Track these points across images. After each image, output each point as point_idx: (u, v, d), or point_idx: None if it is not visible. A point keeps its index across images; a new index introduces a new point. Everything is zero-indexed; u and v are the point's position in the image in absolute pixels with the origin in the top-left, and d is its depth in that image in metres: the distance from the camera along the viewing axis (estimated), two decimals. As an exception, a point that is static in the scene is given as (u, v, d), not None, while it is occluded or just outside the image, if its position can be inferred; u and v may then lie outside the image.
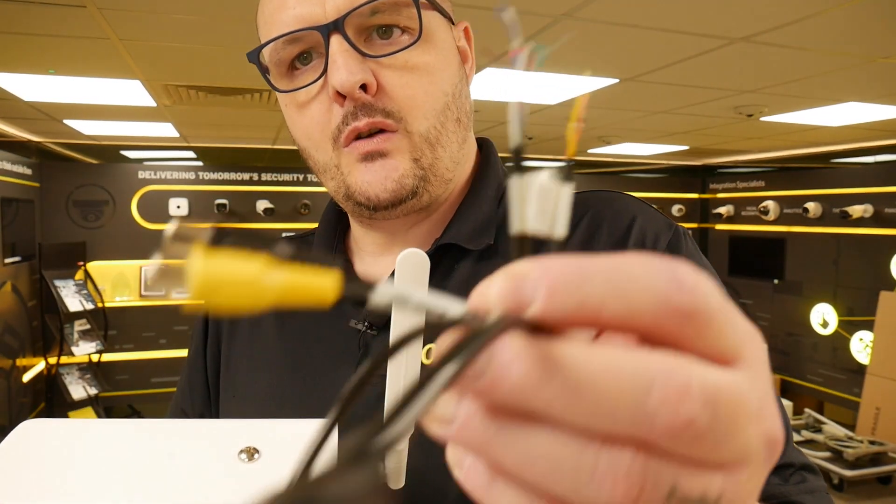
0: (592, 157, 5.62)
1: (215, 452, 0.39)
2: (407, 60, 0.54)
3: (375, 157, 0.54)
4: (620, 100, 3.12)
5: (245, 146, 5.09)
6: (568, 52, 2.30)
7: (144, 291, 4.59)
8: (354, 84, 0.51)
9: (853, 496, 3.70)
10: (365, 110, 0.53)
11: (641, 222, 0.58)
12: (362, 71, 0.52)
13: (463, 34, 0.63)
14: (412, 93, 0.54)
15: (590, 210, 0.60)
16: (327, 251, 0.67)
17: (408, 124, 0.54)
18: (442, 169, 0.57)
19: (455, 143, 0.58)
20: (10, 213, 3.80)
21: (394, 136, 0.54)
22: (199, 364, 0.70)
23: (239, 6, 1.84)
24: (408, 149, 0.55)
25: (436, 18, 0.57)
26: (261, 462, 0.39)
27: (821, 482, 0.54)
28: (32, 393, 4.14)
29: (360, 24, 0.53)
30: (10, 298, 3.77)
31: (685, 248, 0.58)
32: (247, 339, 0.68)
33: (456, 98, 0.58)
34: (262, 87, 2.89)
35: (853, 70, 2.48)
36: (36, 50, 2.27)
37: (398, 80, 0.54)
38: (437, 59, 0.56)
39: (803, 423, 4.30)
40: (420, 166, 0.55)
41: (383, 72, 0.53)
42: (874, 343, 4.13)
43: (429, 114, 0.55)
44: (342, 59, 0.51)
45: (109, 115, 3.57)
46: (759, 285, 5.27)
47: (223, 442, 0.40)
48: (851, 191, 4.45)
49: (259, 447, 0.40)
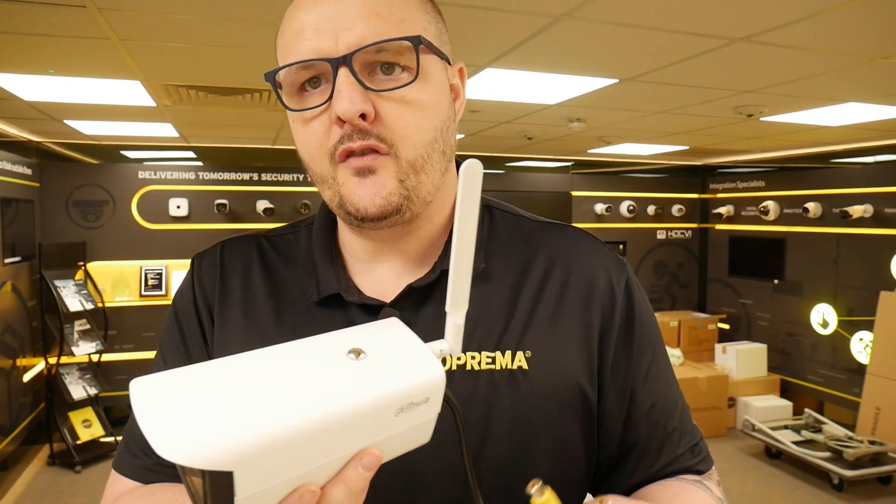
0: (592, 157, 5.62)
1: (329, 360, 0.45)
2: (403, 96, 0.61)
3: (366, 173, 0.61)
4: (620, 100, 3.12)
5: (245, 146, 5.09)
6: (568, 52, 2.30)
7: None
8: (355, 113, 0.58)
9: (853, 496, 3.70)
10: (361, 134, 0.60)
11: (605, 269, 0.71)
12: (363, 102, 0.59)
13: (458, 73, 0.71)
14: (405, 124, 0.61)
15: (559, 255, 0.71)
16: (326, 253, 0.72)
17: (398, 150, 0.61)
18: (424, 192, 0.64)
19: (438, 171, 0.65)
20: (10, 213, 3.80)
21: (383, 157, 0.61)
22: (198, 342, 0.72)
23: (239, 6, 1.84)
24: (394, 170, 0.61)
25: (433, 61, 0.64)
26: (370, 358, 0.46)
27: (704, 444, 0.75)
28: (32, 393, 4.14)
29: (366, 60, 0.60)
30: (10, 298, 3.77)
31: (635, 287, 0.73)
32: (243, 333, 0.70)
33: (443, 133, 0.65)
34: (261, 87, 2.89)
35: (853, 70, 2.48)
36: (36, 50, 2.27)
37: (394, 112, 0.61)
38: (430, 98, 0.63)
39: (803, 423, 4.31)
40: (405, 187, 0.62)
41: (382, 103, 0.60)
42: (874, 343, 4.13)
43: (418, 145, 0.62)
44: (346, 90, 0.58)
45: (109, 115, 3.57)
46: (759, 285, 5.27)
47: (329, 351, 0.46)
48: (851, 191, 4.46)
49: (362, 348, 0.46)
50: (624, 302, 0.70)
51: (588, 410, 0.68)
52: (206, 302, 0.73)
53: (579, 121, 3.68)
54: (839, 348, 4.57)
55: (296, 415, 0.40)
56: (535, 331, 0.67)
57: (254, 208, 4.83)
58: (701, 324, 5.45)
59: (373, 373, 0.44)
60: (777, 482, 3.96)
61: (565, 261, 0.71)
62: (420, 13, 0.64)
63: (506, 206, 0.78)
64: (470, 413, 0.63)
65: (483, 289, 0.68)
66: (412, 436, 0.47)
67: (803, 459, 3.91)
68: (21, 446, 3.93)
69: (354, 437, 0.43)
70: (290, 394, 0.41)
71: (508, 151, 5.42)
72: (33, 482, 3.89)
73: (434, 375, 0.46)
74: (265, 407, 0.40)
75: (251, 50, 2.29)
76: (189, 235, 4.68)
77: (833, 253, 4.60)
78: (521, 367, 0.65)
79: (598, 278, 0.70)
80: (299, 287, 0.71)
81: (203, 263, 0.76)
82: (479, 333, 0.66)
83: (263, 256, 0.75)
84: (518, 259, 0.71)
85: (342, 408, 0.41)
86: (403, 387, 0.44)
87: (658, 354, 0.73)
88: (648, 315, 0.73)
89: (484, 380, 0.64)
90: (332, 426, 0.41)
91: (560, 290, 0.69)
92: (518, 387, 0.64)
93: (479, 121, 3.81)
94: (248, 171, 4.86)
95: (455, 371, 0.64)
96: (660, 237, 5.90)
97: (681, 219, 5.92)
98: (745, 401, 4.79)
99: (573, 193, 5.67)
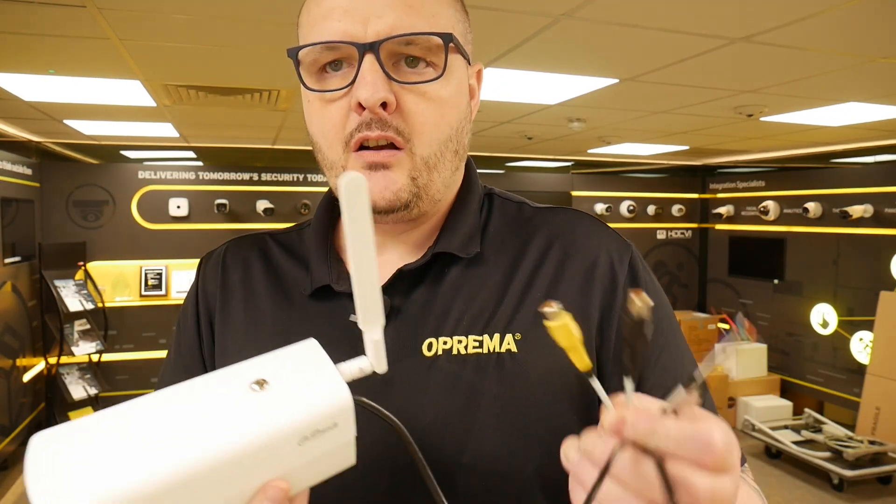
0: (592, 157, 5.62)
1: (230, 394, 0.44)
2: (426, 91, 0.61)
3: (379, 167, 0.61)
4: (620, 100, 3.12)
5: (245, 146, 5.09)
6: (568, 52, 2.30)
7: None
8: (377, 101, 0.58)
9: (853, 496, 3.70)
10: (379, 124, 0.59)
11: (606, 248, 0.68)
12: (386, 90, 0.58)
13: (475, 74, 0.70)
14: (424, 119, 0.61)
15: (557, 237, 0.69)
16: (321, 245, 0.71)
17: (414, 146, 0.61)
18: (434, 190, 0.64)
19: (449, 170, 0.65)
20: (10, 213, 3.80)
21: (399, 153, 0.61)
22: (194, 347, 0.73)
23: (239, 6, 1.84)
24: (408, 167, 0.62)
25: (458, 60, 0.64)
26: (272, 388, 0.44)
27: None
28: (32, 393, 4.14)
29: (393, 50, 0.60)
30: (10, 298, 3.77)
31: (640, 267, 0.69)
32: (242, 331, 0.70)
33: (458, 132, 0.65)
34: (261, 87, 2.89)
35: (853, 70, 2.48)
36: (36, 50, 2.27)
37: (415, 106, 0.61)
38: (450, 96, 0.63)
39: (803, 423, 4.30)
40: (416, 185, 0.62)
41: (404, 95, 0.60)
42: (874, 343, 4.13)
43: (433, 141, 0.62)
44: (371, 77, 0.58)
45: (109, 115, 3.57)
46: (759, 285, 5.27)
47: (233, 384, 0.45)
48: (851, 191, 4.45)
49: (266, 377, 0.45)
50: (627, 282, 0.66)
51: (586, 398, 0.64)
52: (208, 304, 0.73)
53: (579, 121, 3.68)
54: (839, 348, 4.57)
55: (186, 455, 0.39)
56: (526, 313, 0.64)
57: (254, 208, 4.83)
58: (701, 324, 5.45)
59: (272, 404, 0.43)
60: (777, 482, 3.96)
61: (563, 241, 0.68)
62: (451, 10, 0.64)
63: (508, 193, 0.76)
64: (454, 399, 0.61)
65: (475, 273, 0.66)
66: (328, 461, 0.46)
67: (803, 459, 3.91)
68: (21, 446, 3.93)
69: (255, 471, 0.41)
70: (183, 435, 0.40)
71: (508, 151, 5.42)
72: (33, 482, 3.90)
73: (339, 401, 0.44)
74: (154, 451, 0.38)
75: (251, 50, 2.29)
76: (189, 235, 4.68)
77: (833, 253, 4.60)
78: (510, 349, 0.62)
79: (599, 258, 0.67)
80: (298, 281, 0.71)
81: (208, 265, 0.76)
82: (467, 317, 0.64)
83: (266, 252, 0.75)
84: (514, 243, 0.69)
85: (236, 444, 0.40)
86: (304, 416, 0.43)
87: (671, 339, 0.67)
88: (657, 296, 0.68)
89: (470, 364, 0.62)
90: (228, 463, 0.40)
91: (556, 271, 0.66)
92: (506, 370, 0.62)
93: (479, 121, 3.81)
94: (248, 171, 4.86)
95: (441, 356, 0.62)
96: (660, 237, 5.90)
97: (681, 219, 5.92)
98: (745, 401, 4.79)
99: (573, 193, 5.67)
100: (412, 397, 0.61)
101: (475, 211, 0.71)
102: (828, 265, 4.64)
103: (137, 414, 0.42)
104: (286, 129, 4.13)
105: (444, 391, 0.61)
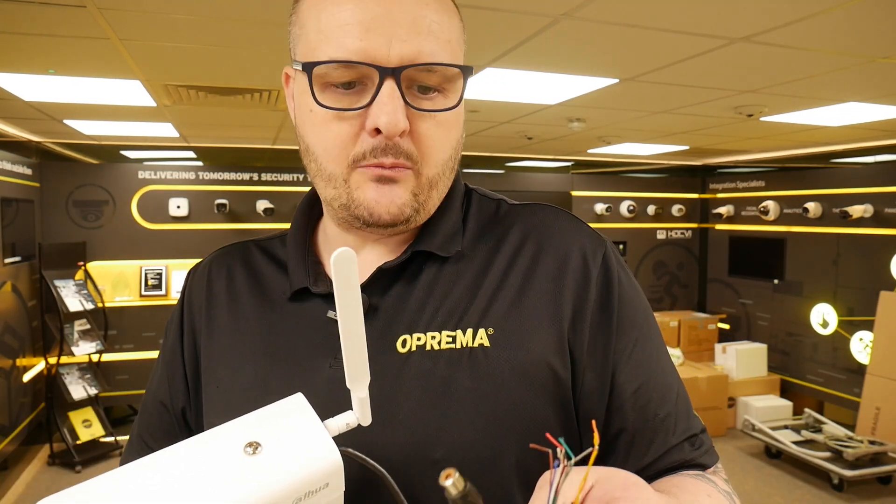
0: (592, 157, 5.62)
1: (225, 458, 0.46)
2: (437, 117, 0.62)
3: (387, 181, 0.62)
4: (620, 100, 3.12)
5: (245, 146, 5.09)
6: (568, 52, 2.30)
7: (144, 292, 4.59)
8: (398, 131, 0.58)
9: (853, 496, 3.70)
10: (392, 149, 0.60)
11: (580, 244, 0.68)
12: (405, 120, 0.59)
13: None
14: (433, 143, 0.62)
15: (532, 232, 0.70)
16: (299, 250, 0.72)
17: (421, 167, 0.62)
18: (431, 206, 0.66)
19: (446, 186, 0.67)
20: (10, 213, 3.80)
21: (406, 171, 0.62)
22: (177, 359, 0.75)
23: (239, 6, 1.84)
24: (412, 185, 0.63)
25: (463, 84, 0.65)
26: (265, 451, 0.46)
27: (707, 437, 0.71)
28: (32, 393, 4.14)
29: (412, 77, 0.60)
30: (10, 298, 3.77)
31: (613, 262, 0.68)
32: (227, 333, 0.72)
33: (456, 150, 0.67)
34: (261, 87, 2.89)
35: (853, 70, 2.48)
36: (36, 50, 2.27)
37: (426, 131, 0.62)
38: (456, 119, 0.65)
39: (803, 423, 4.31)
40: (417, 201, 0.64)
41: (417, 121, 0.61)
42: (874, 343, 4.13)
43: (438, 162, 0.64)
44: (392, 105, 0.58)
45: (109, 115, 3.57)
46: (759, 285, 5.27)
47: (226, 448, 0.46)
48: (851, 191, 4.46)
49: (258, 440, 0.47)
50: (600, 277, 0.66)
51: (562, 392, 0.64)
52: (192, 315, 0.75)
53: (579, 121, 3.68)
54: (839, 348, 4.57)
55: None
56: (499, 307, 0.64)
57: (254, 208, 4.83)
58: (701, 324, 5.45)
59: (267, 469, 0.45)
60: (777, 482, 3.96)
61: (537, 237, 0.69)
62: (459, 31, 0.64)
63: (487, 192, 0.77)
64: (426, 395, 0.61)
65: (451, 269, 0.67)
66: None
67: (803, 459, 3.91)
68: (21, 446, 3.93)
69: None
70: (185, 502, 0.42)
71: (508, 151, 5.42)
72: (33, 482, 3.90)
73: (330, 464, 0.47)
74: None
75: (251, 50, 2.29)
76: (189, 235, 4.69)
77: (833, 253, 4.60)
78: (483, 344, 0.63)
79: (571, 253, 0.67)
80: (278, 285, 0.72)
81: (195, 275, 0.78)
82: (441, 313, 0.65)
83: (249, 260, 0.77)
84: (490, 239, 0.70)
85: None
86: (298, 480, 0.45)
87: (646, 334, 0.68)
88: (632, 291, 0.69)
89: (443, 359, 0.62)
90: None
91: (529, 266, 0.67)
92: (478, 365, 0.62)
93: (479, 121, 3.81)
94: (248, 171, 4.86)
95: (414, 352, 0.63)
96: (660, 237, 5.90)
97: (681, 219, 5.92)
98: (745, 401, 4.79)
99: (573, 193, 5.67)
100: (385, 393, 0.62)
101: (457, 209, 0.71)
102: (828, 265, 4.64)
103: (138, 482, 0.44)
104: (286, 129, 4.13)
105: (417, 387, 0.62)
